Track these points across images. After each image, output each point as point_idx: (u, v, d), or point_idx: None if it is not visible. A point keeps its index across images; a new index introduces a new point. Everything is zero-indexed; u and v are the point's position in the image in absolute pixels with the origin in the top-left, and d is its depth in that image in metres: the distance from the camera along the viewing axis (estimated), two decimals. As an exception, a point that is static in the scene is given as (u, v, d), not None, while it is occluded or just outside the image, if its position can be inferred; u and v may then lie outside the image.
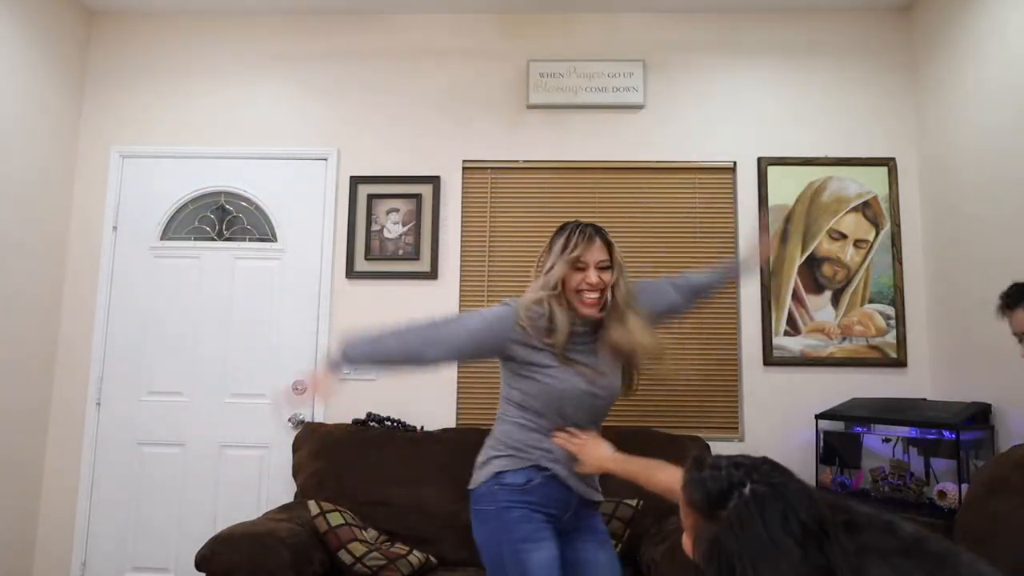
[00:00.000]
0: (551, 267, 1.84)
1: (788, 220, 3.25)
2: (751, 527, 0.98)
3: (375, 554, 2.40)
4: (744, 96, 3.35)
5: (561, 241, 1.86)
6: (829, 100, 3.32)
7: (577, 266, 1.82)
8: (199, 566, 2.23)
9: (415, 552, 2.50)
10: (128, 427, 3.24)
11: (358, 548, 2.41)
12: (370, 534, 2.58)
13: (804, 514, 0.99)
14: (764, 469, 1.05)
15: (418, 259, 3.28)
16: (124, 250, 3.34)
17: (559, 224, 3.31)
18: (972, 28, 2.86)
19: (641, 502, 2.62)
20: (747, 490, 1.02)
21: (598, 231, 1.87)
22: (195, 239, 3.35)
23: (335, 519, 2.46)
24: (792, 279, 3.22)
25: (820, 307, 3.20)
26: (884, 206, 3.24)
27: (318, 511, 2.46)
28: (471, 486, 1.87)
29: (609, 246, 1.86)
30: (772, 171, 3.27)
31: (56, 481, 3.21)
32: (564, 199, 3.33)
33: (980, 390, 2.76)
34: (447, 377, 3.21)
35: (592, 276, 1.81)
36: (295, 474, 2.93)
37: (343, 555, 2.39)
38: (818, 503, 1.01)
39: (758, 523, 0.97)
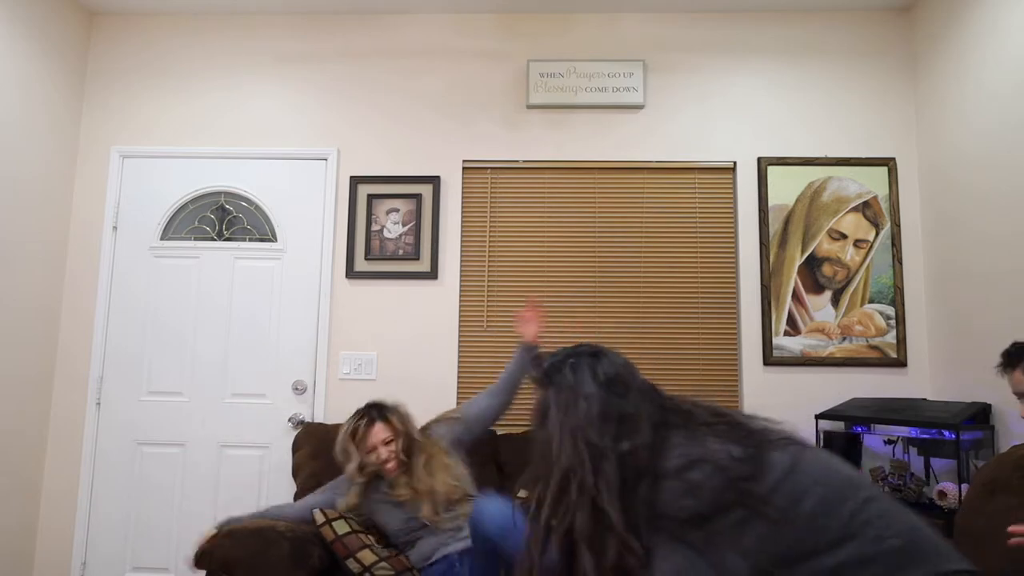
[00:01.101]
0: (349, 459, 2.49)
1: (788, 220, 3.25)
2: (565, 381, 1.28)
3: (384, 564, 2.38)
4: (744, 96, 3.35)
5: (348, 430, 2.49)
6: (829, 100, 3.33)
7: (368, 449, 2.44)
8: (199, 560, 2.23)
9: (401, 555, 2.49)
10: (128, 427, 3.24)
11: (368, 557, 2.38)
12: (374, 536, 2.57)
13: (609, 370, 1.28)
14: (592, 349, 1.33)
15: (418, 259, 3.28)
16: (124, 250, 3.34)
17: (558, 226, 3.33)
18: (972, 28, 2.86)
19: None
20: (571, 361, 1.30)
21: (377, 416, 2.48)
22: (195, 239, 3.35)
23: (341, 527, 2.43)
24: (792, 279, 3.22)
25: (820, 307, 3.20)
26: (884, 206, 3.24)
27: (324, 520, 2.45)
28: None
29: (386, 420, 2.47)
30: (772, 171, 3.27)
31: (56, 481, 3.21)
32: (564, 199, 3.33)
33: (980, 390, 2.76)
34: (447, 379, 3.22)
35: (383, 452, 2.43)
36: (295, 474, 2.93)
37: (352, 564, 2.36)
38: (629, 370, 1.30)
39: (570, 377, 1.28)
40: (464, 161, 3.35)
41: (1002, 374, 2.04)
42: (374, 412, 2.48)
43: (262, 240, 3.35)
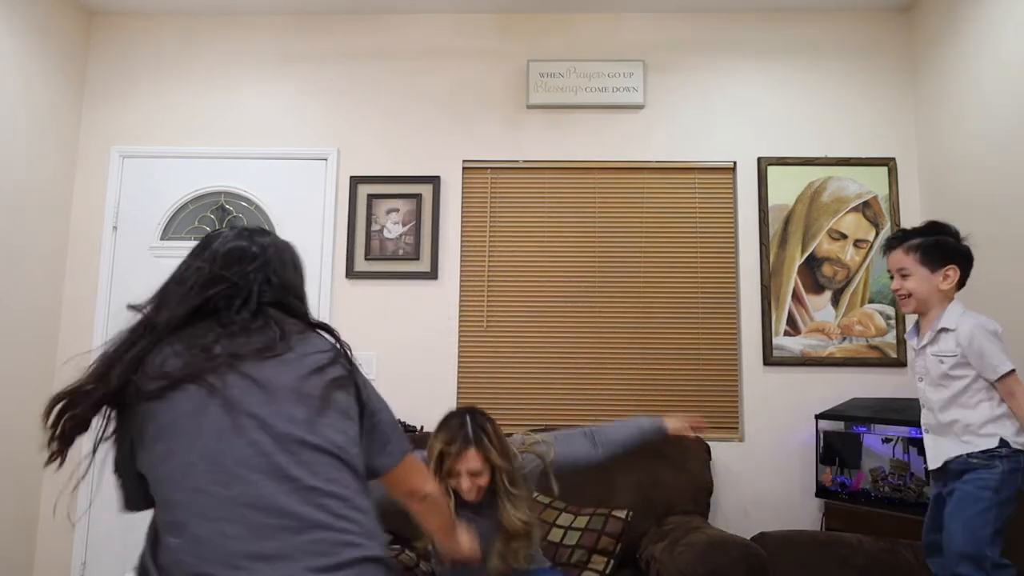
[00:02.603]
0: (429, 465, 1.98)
1: (788, 220, 3.25)
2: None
3: None
4: (744, 96, 3.35)
5: (437, 448, 1.98)
6: (829, 100, 3.32)
7: (451, 473, 1.97)
8: None
9: (406, 552, 2.49)
10: (128, 427, 3.24)
11: None
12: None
13: (221, 248, 1.35)
14: (252, 231, 1.43)
15: (418, 259, 3.28)
16: (124, 250, 3.34)
17: (558, 226, 3.29)
18: (972, 28, 2.86)
19: (631, 513, 2.62)
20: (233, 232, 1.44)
21: (473, 440, 1.96)
22: (195, 239, 3.34)
23: None
24: (792, 279, 3.22)
25: (820, 307, 3.20)
26: (884, 206, 3.24)
27: None
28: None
29: (485, 450, 1.95)
30: (772, 171, 3.27)
31: (56, 481, 3.21)
32: (564, 199, 3.33)
33: (980, 390, 2.75)
34: (447, 379, 3.22)
35: (464, 483, 1.95)
36: (295, 474, 2.93)
37: None
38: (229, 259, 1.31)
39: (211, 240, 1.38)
40: (464, 161, 3.35)
41: (883, 257, 2.22)
42: (471, 433, 1.98)
43: (262, 240, 3.35)
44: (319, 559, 1.01)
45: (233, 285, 1.26)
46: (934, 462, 2.03)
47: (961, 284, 2.08)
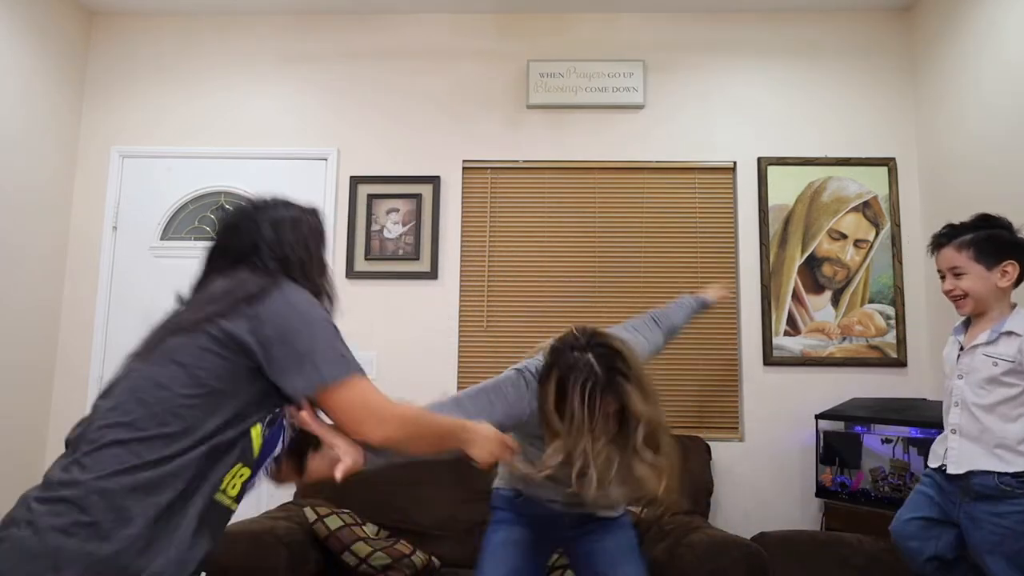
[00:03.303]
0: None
1: (788, 220, 3.25)
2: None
3: (379, 554, 2.40)
4: (744, 96, 3.35)
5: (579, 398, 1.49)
6: (829, 100, 3.32)
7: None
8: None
9: (418, 552, 2.50)
10: (128, 427, 3.24)
11: (362, 548, 2.40)
12: (370, 529, 2.58)
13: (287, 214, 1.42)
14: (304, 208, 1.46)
15: (418, 259, 3.28)
16: (124, 250, 3.34)
17: (558, 226, 3.26)
18: (972, 29, 2.86)
19: (644, 510, 2.61)
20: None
21: (608, 381, 1.49)
22: (195, 239, 3.35)
23: (333, 522, 2.45)
24: (792, 279, 3.22)
25: (820, 307, 3.20)
26: (884, 206, 3.24)
27: (315, 517, 2.46)
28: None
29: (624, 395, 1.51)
30: (772, 171, 3.27)
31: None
32: (564, 199, 3.33)
33: (980, 390, 2.75)
34: (447, 379, 3.21)
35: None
36: (295, 474, 2.93)
37: (347, 557, 2.38)
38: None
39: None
40: (464, 161, 3.35)
41: (931, 255, 2.07)
42: (604, 374, 1.51)
43: (262, 240, 3.35)
44: (41, 491, 1.10)
45: (222, 248, 1.41)
46: (956, 467, 1.88)
47: (1020, 280, 1.90)
